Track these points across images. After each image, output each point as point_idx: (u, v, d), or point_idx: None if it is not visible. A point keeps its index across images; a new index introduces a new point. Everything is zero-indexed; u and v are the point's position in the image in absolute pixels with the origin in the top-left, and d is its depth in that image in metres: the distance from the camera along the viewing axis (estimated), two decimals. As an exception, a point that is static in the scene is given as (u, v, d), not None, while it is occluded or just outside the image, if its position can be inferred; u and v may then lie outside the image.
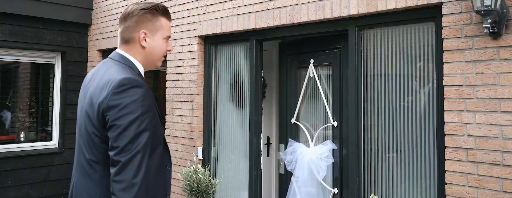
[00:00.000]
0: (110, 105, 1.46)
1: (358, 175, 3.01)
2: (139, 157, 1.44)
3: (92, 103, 1.53)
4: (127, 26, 1.65)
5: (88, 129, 1.54)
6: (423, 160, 2.74)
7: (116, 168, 1.42)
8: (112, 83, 1.49)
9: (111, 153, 1.45)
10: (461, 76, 2.50)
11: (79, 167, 1.61)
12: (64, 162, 5.52)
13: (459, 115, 2.49)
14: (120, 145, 1.43)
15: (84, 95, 1.64)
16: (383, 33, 2.99)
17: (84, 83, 1.72)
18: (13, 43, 5.07)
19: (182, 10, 4.35)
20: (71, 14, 5.53)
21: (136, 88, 1.49)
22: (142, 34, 1.65)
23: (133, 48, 1.67)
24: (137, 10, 1.65)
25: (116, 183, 1.41)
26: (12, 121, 5.44)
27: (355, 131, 3.03)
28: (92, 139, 1.53)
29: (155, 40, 1.68)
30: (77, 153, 1.64)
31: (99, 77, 1.59)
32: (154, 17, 1.67)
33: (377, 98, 3.00)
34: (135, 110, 1.46)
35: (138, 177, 1.42)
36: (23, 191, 5.12)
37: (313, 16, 3.23)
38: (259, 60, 3.76)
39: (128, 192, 1.40)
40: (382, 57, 2.99)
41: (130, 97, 1.46)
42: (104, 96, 1.48)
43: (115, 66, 1.61)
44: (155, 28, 1.67)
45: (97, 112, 1.49)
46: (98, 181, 1.53)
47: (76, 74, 5.66)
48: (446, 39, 2.57)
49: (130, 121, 1.44)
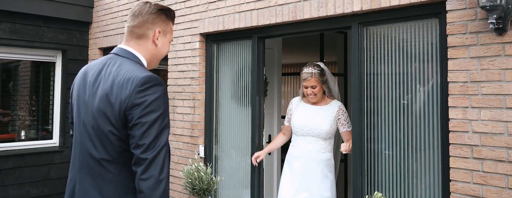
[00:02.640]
0: (134, 103, 1.46)
1: (361, 172, 2.99)
2: (163, 153, 1.46)
3: (109, 101, 1.50)
4: (142, 21, 1.65)
5: (102, 128, 1.51)
6: (427, 157, 2.73)
7: (142, 166, 1.43)
8: (134, 81, 1.48)
9: (137, 151, 1.44)
10: (465, 72, 2.48)
11: (84, 168, 1.56)
12: (64, 160, 5.50)
13: (464, 111, 2.47)
14: (146, 143, 1.44)
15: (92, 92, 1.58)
16: (386, 30, 2.98)
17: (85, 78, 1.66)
18: (13, 41, 5.05)
19: (184, 7, 4.33)
20: (72, 12, 5.51)
21: (158, 86, 1.50)
22: (157, 32, 1.67)
23: (144, 44, 1.67)
24: (154, 9, 1.67)
25: (144, 181, 1.42)
26: (13, 119, 5.43)
27: (359, 128, 3.02)
28: (108, 138, 1.50)
29: (164, 41, 1.72)
30: (80, 152, 1.58)
31: (113, 75, 1.55)
32: (167, 20, 1.72)
33: (381, 95, 2.98)
34: (158, 108, 1.47)
35: (164, 173, 1.45)
36: (23, 190, 5.10)
37: (316, 13, 3.21)
38: (261, 58, 3.75)
39: (156, 189, 1.42)
40: (386, 54, 2.97)
41: (153, 95, 1.47)
42: (127, 94, 1.47)
43: (127, 63, 1.59)
44: (167, 30, 1.72)
45: (119, 110, 1.48)
46: (111, 180, 1.52)
47: (77, 72, 5.60)
48: (450, 36, 2.55)
49: (154, 118, 1.46)
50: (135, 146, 1.45)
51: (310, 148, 3.20)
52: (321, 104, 3.29)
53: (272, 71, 4.63)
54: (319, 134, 3.15)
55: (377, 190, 2.87)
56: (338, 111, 3.21)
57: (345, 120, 3.22)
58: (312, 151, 3.19)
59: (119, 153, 1.51)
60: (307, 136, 3.19)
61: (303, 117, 3.23)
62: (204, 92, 4.14)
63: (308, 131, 3.18)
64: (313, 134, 3.17)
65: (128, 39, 1.69)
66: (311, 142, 3.19)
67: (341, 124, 3.22)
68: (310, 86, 3.20)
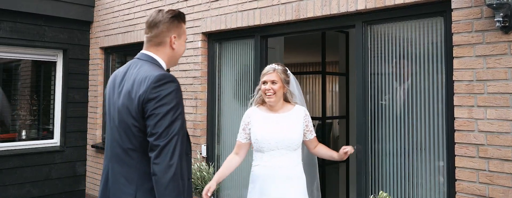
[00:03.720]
0: (149, 97, 1.67)
1: (365, 171, 2.97)
2: (174, 141, 1.65)
3: (131, 97, 1.73)
4: (159, 31, 1.86)
5: (127, 121, 1.74)
6: (432, 156, 2.71)
7: (155, 152, 1.64)
8: (150, 79, 1.69)
9: (151, 139, 1.66)
10: (471, 71, 2.46)
11: (114, 157, 1.80)
12: (65, 160, 5.48)
13: (470, 110, 2.45)
14: (158, 131, 1.65)
15: (118, 92, 1.82)
16: (391, 28, 2.96)
17: (114, 81, 1.90)
18: (14, 40, 5.03)
19: (186, 6, 4.31)
20: (73, 12, 5.49)
21: (171, 83, 1.70)
22: (173, 38, 1.88)
23: (163, 50, 1.88)
24: (167, 17, 1.87)
25: (156, 165, 1.64)
26: (14, 119, 5.40)
27: (363, 127, 3.00)
28: (131, 129, 1.73)
29: (180, 42, 1.92)
30: (111, 144, 1.83)
31: (134, 75, 1.78)
32: (179, 23, 1.92)
33: (384, 94, 2.96)
34: (170, 101, 1.67)
35: (174, 158, 1.64)
36: (24, 190, 5.08)
37: (319, 11, 3.19)
38: (264, 57, 3.73)
39: (167, 172, 1.62)
40: (390, 53, 2.95)
41: (166, 90, 1.68)
42: (144, 90, 1.68)
43: (146, 65, 1.82)
44: (181, 32, 1.92)
45: (137, 104, 1.70)
46: (134, 167, 1.74)
47: (78, 72, 5.63)
48: (456, 34, 2.54)
49: (166, 110, 1.66)
50: (150, 134, 1.67)
51: (280, 163, 2.58)
52: (282, 110, 2.67)
53: (274, 71, 4.61)
54: (289, 145, 2.57)
55: (381, 190, 2.85)
56: (305, 116, 2.67)
57: (311, 126, 2.71)
58: (283, 167, 2.57)
59: (140, 143, 1.72)
60: (274, 150, 2.58)
61: (267, 128, 2.60)
62: (206, 91, 4.12)
63: (276, 144, 2.56)
64: (282, 146, 2.57)
65: (147, 46, 1.90)
66: (280, 156, 2.58)
67: (309, 131, 2.66)
68: (270, 81, 2.59)
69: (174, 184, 1.64)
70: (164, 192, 1.62)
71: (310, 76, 11.68)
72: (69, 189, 5.50)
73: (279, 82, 2.62)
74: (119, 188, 1.76)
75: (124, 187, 1.75)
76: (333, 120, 9.58)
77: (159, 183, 1.63)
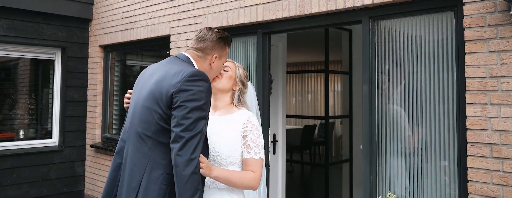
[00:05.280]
0: (182, 89, 1.70)
1: (371, 172, 2.87)
2: (198, 137, 1.68)
3: (161, 85, 1.75)
4: (203, 47, 1.95)
5: (150, 107, 1.76)
6: (443, 156, 2.60)
7: (179, 143, 1.66)
8: (185, 72, 1.74)
9: (177, 129, 1.67)
10: (484, 67, 2.36)
11: (130, 139, 1.83)
12: (64, 160, 5.38)
13: (483, 108, 2.35)
14: (185, 124, 1.67)
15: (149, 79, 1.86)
16: (398, 24, 2.85)
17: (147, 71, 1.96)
18: (12, 38, 4.94)
19: (186, 3, 4.21)
20: (72, 9, 5.40)
21: (204, 82, 1.74)
22: (214, 57, 1.96)
23: (201, 62, 1.95)
24: (215, 37, 1.96)
25: (179, 157, 1.65)
26: (11, 118, 5.31)
27: (369, 127, 2.90)
28: (152, 115, 1.75)
29: (219, 63, 2.00)
30: (129, 130, 1.86)
31: (169, 68, 1.83)
32: (224, 46, 2.00)
33: (392, 92, 2.86)
34: (200, 98, 1.71)
35: (195, 153, 1.67)
36: (22, 190, 4.98)
37: (324, 7, 3.09)
38: (267, 54, 3.63)
39: (188, 165, 1.65)
40: (398, 50, 2.85)
41: (199, 87, 1.72)
42: (177, 80, 1.72)
43: (183, 63, 1.88)
44: (223, 54, 2.00)
45: (166, 92, 1.72)
46: (146, 154, 1.75)
47: (77, 70, 5.53)
48: (468, 29, 2.43)
49: (196, 106, 1.69)
50: (176, 125, 1.68)
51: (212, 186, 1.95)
52: (225, 112, 2.07)
53: (277, 69, 4.51)
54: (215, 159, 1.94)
55: (390, 191, 2.75)
56: (246, 124, 1.97)
57: (252, 141, 1.95)
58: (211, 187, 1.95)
59: (156, 130, 1.74)
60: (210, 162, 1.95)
61: None
62: (208, 90, 4.02)
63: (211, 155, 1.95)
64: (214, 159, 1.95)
65: (190, 52, 1.97)
66: None
67: (246, 146, 1.95)
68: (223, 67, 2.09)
69: (194, 179, 1.65)
70: (185, 185, 1.64)
71: (313, 75, 11.59)
72: (67, 190, 5.41)
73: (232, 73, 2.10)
74: (130, 172, 1.79)
75: (133, 172, 1.77)
76: (336, 119, 9.49)
77: (181, 176, 1.64)
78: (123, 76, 5.54)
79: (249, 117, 1.99)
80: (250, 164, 1.92)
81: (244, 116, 2.00)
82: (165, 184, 1.72)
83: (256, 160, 1.92)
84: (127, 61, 5.56)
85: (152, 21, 4.62)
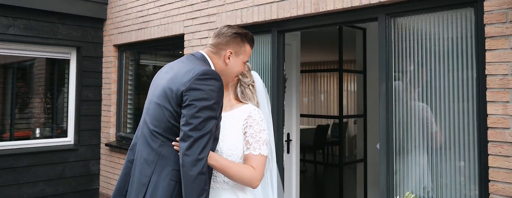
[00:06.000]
0: (191, 87, 1.67)
1: (388, 171, 2.82)
2: (207, 137, 1.66)
3: (174, 83, 1.74)
4: (218, 42, 1.92)
5: (162, 104, 1.76)
6: (463, 155, 2.55)
7: (187, 142, 1.64)
8: (196, 71, 1.71)
9: (185, 128, 1.65)
10: (506, 64, 2.30)
11: (142, 136, 1.84)
12: (79, 159, 5.43)
13: (504, 106, 2.29)
14: (194, 123, 1.65)
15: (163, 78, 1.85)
16: (416, 21, 2.80)
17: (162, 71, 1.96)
18: (28, 38, 5.00)
19: (200, 2, 4.21)
20: (86, 9, 5.44)
21: (215, 81, 1.71)
22: (228, 52, 1.90)
23: (217, 60, 1.91)
24: (230, 32, 1.92)
25: (186, 157, 1.63)
26: (28, 117, 5.38)
27: (385, 125, 2.85)
28: (163, 113, 1.75)
29: (236, 61, 1.93)
30: (142, 127, 1.87)
31: (183, 66, 1.82)
32: (242, 42, 1.94)
33: (409, 90, 2.81)
34: (211, 98, 1.68)
35: (203, 153, 1.64)
36: (38, 188, 5.04)
37: (340, 4, 3.06)
38: (281, 53, 3.60)
39: (195, 165, 1.62)
40: (415, 47, 2.80)
41: (209, 86, 1.69)
42: (188, 79, 1.70)
43: (197, 61, 1.86)
44: (240, 51, 1.93)
45: (177, 91, 1.71)
46: (156, 150, 1.75)
47: (91, 69, 5.58)
48: (488, 25, 2.38)
49: (205, 105, 1.66)
50: (185, 123, 1.66)
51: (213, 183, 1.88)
52: (228, 108, 1.98)
53: (291, 68, 4.48)
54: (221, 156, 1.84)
55: (408, 191, 2.70)
56: (246, 119, 1.88)
57: (251, 136, 1.86)
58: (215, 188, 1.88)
59: (166, 128, 1.74)
60: None
61: None
62: (221, 89, 4.01)
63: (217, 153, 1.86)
64: None
65: (206, 50, 1.95)
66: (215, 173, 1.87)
67: (245, 142, 1.86)
68: None
69: (201, 179, 1.63)
70: (191, 186, 1.62)
71: (326, 75, 11.52)
72: (82, 188, 5.46)
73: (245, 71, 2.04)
74: (140, 168, 1.79)
75: (143, 168, 1.77)
76: (349, 119, 9.42)
77: (187, 176, 1.62)
78: (137, 76, 5.57)
79: (251, 112, 1.89)
80: (249, 160, 1.82)
81: (246, 111, 1.90)
82: (175, 180, 1.71)
83: (255, 156, 1.81)
84: (141, 61, 5.59)
85: (165, 20, 4.63)
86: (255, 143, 1.84)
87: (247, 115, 1.88)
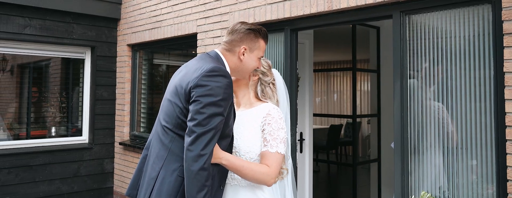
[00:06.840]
0: (198, 84, 1.69)
1: (403, 170, 2.78)
2: (211, 134, 1.65)
3: (184, 80, 1.77)
4: (232, 39, 1.92)
5: (172, 100, 1.79)
6: (479, 154, 2.50)
7: (191, 137, 1.65)
8: (204, 68, 1.73)
9: (190, 123, 1.67)
10: (525, 61, 2.25)
11: (156, 132, 1.87)
12: (94, 157, 5.49)
13: (523, 104, 2.24)
14: (198, 119, 1.65)
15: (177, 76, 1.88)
16: (431, 18, 2.76)
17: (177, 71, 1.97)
18: (44, 37, 5.07)
19: (213, 1, 4.22)
20: (100, 9, 5.50)
21: (223, 77, 1.71)
22: (243, 49, 1.91)
23: (232, 57, 1.92)
24: (244, 28, 1.92)
25: (189, 152, 1.65)
26: (44, 116, 5.46)
27: (400, 124, 2.82)
28: (173, 109, 1.78)
29: (251, 57, 1.93)
30: (156, 124, 1.91)
31: (194, 64, 1.84)
32: (256, 38, 1.93)
33: (425, 89, 2.77)
34: (217, 94, 1.68)
35: (206, 150, 1.64)
36: (54, 186, 5.11)
37: (354, 1, 3.03)
38: (294, 51, 3.59)
39: (196, 161, 1.63)
40: (431, 45, 2.76)
41: (216, 83, 1.69)
42: (196, 76, 1.72)
43: (210, 59, 1.86)
44: (254, 47, 1.93)
45: (185, 87, 1.73)
46: (167, 146, 1.78)
47: (106, 69, 5.63)
48: (506, 22, 2.33)
49: (210, 102, 1.67)
50: (190, 119, 1.68)
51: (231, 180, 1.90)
52: (248, 107, 2.00)
53: (304, 67, 4.47)
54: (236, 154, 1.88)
55: (423, 190, 2.66)
56: (265, 117, 1.88)
57: (269, 134, 1.85)
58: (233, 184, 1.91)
59: (177, 124, 1.77)
60: None
61: None
62: (234, 87, 4.01)
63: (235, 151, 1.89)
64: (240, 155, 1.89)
65: (220, 48, 1.96)
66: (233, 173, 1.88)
67: (263, 139, 1.87)
68: None
69: (202, 175, 1.63)
70: (192, 181, 1.63)
71: (339, 74, 11.45)
72: (97, 186, 5.52)
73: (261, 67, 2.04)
74: (152, 163, 1.82)
75: (154, 163, 1.80)
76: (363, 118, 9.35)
77: (188, 171, 1.63)
78: (151, 75, 5.61)
79: (270, 110, 1.89)
80: (265, 158, 1.82)
81: (265, 109, 1.91)
82: (181, 176, 1.72)
83: (271, 153, 1.81)
84: (155, 60, 5.62)
85: (178, 19, 4.65)
86: (272, 140, 1.84)
87: (266, 112, 1.89)
